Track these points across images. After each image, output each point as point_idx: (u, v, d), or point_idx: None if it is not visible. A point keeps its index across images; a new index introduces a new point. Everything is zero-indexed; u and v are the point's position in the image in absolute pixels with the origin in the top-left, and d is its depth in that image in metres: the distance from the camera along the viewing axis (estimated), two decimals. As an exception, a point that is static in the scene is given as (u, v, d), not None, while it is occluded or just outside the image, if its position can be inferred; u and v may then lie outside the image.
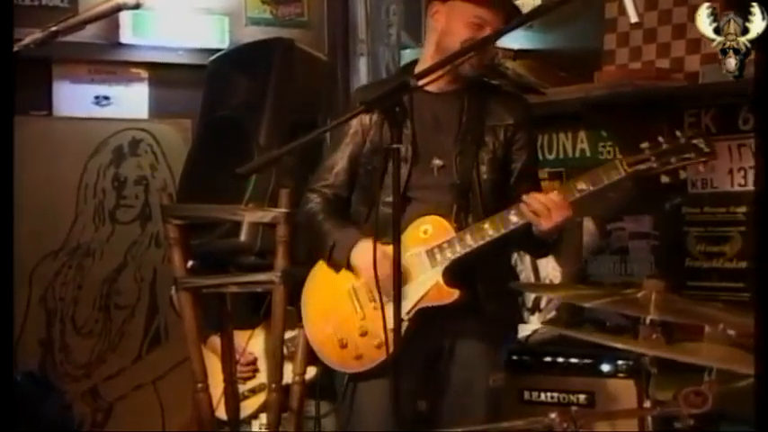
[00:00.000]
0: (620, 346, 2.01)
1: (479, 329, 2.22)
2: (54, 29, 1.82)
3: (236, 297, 2.84)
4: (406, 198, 2.19)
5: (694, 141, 1.97)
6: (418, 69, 2.27)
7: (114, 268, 3.48)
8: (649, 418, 1.92)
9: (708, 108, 2.71)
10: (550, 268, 3.12)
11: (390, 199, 2.17)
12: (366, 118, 2.26)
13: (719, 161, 2.69)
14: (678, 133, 1.98)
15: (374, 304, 2.21)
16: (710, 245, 2.70)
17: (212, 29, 3.52)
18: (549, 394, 2.51)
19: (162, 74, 3.52)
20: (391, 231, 2.13)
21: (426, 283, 2.17)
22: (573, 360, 2.51)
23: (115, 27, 3.36)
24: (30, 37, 1.82)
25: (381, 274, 2.13)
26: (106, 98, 3.49)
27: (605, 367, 2.43)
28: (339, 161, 2.33)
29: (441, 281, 2.15)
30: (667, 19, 2.80)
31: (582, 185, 2.07)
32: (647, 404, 1.92)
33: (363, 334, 2.22)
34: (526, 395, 2.54)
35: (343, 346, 2.25)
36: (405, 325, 2.14)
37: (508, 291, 2.25)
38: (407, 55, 3.27)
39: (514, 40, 3.02)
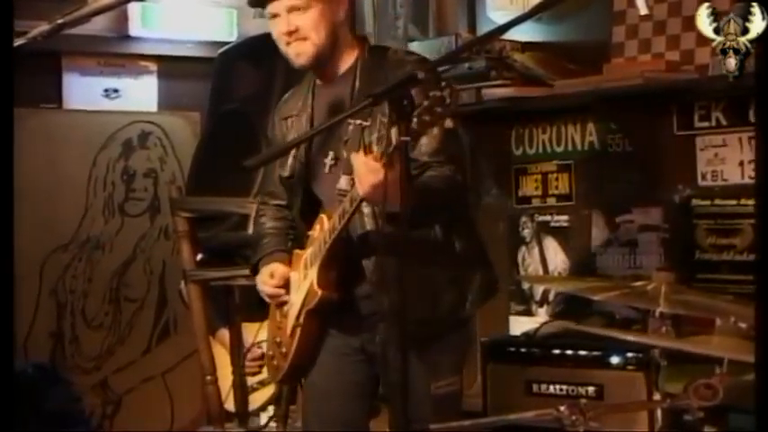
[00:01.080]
0: (629, 338, 2.00)
1: (404, 333, 1.91)
2: (61, 21, 1.82)
3: (245, 290, 2.85)
4: (315, 201, 2.14)
5: (441, 94, 1.72)
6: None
7: (124, 261, 3.49)
8: (659, 411, 1.92)
9: (718, 100, 2.70)
10: (559, 261, 3.11)
11: (299, 203, 2.15)
12: (282, 123, 2.20)
13: (730, 153, 2.68)
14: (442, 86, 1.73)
15: (284, 313, 2.17)
16: (721, 237, 2.69)
17: (220, 21, 3.52)
18: (557, 387, 2.50)
19: (171, 66, 3.52)
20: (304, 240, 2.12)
21: (305, 286, 2.09)
22: (581, 352, 2.50)
23: (124, 19, 3.36)
24: (37, 29, 1.82)
25: (271, 292, 2.13)
26: (115, 91, 3.49)
27: (614, 360, 2.42)
28: (270, 174, 2.28)
29: (314, 281, 2.05)
30: (677, 11, 2.77)
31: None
32: (657, 397, 1.91)
33: (279, 344, 2.21)
34: (534, 388, 2.53)
35: (271, 357, 2.25)
36: (298, 332, 2.10)
37: (428, 291, 2.05)
38: (415, 47, 3.26)
39: (522, 32, 3.00)
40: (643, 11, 2.33)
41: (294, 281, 2.16)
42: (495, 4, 3.28)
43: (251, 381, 2.89)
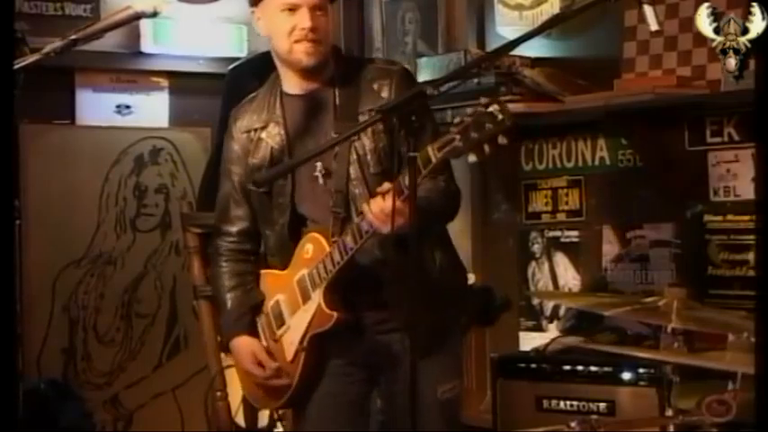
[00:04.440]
0: (642, 355, 1.99)
1: (404, 342, 2.01)
2: (73, 37, 1.84)
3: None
4: (299, 217, 2.08)
5: (490, 109, 1.71)
6: (288, 88, 2.11)
7: (135, 277, 3.50)
8: (671, 427, 1.90)
9: (730, 116, 2.69)
10: (569, 277, 3.10)
11: (282, 220, 2.07)
12: (244, 137, 2.14)
13: (743, 169, 2.67)
14: (483, 99, 1.75)
15: (276, 336, 2.12)
16: (733, 253, 2.67)
17: (231, 38, 3.54)
18: (568, 403, 2.48)
19: (182, 83, 3.55)
20: (284, 258, 2.07)
21: (311, 309, 2.03)
22: (593, 368, 2.48)
23: (136, 36, 3.39)
24: (49, 45, 1.84)
25: (250, 368, 2.09)
26: (127, 107, 3.52)
27: (626, 375, 2.40)
28: (230, 195, 2.18)
29: (322, 303, 2.01)
30: (688, 26, 2.77)
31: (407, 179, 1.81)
32: (669, 413, 1.90)
33: (276, 370, 2.13)
34: (545, 404, 2.52)
35: (260, 385, 2.18)
36: (302, 356, 2.06)
37: (424, 298, 1.95)
38: (423, 63, 3.27)
39: (532, 48, 3.01)
40: (654, 27, 2.32)
41: (284, 302, 2.10)
42: (504, 20, 3.29)
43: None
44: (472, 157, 1.73)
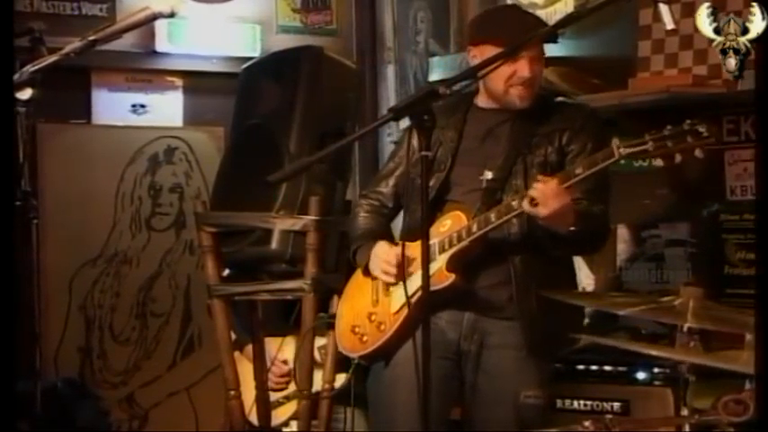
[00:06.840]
0: (657, 353, 1.98)
1: (511, 336, 2.16)
2: (92, 38, 1.86)
3: (269, 304, 2.85)
4: (443, 201, 2.21)
5: (696, 127, 1.91)
6: (479, 102, 2.29)
7: (150, 275, 3.52)
8: (687, 427, 1.89)
9: (747, 115, 2.67)
10: (583, 276, 3.08)
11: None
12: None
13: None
14: (688, 121, 1.95)
15: (387, 292, 2.24)
16: (750, 252, 2.66)
17: (244, 37, 3.56)
18: (582, 402, 2.48)
19: (196, 82, 3.57)
20: (418, 235, 2.17)
21: (431, 270, 2.08)
22: (607, 368, 2.48)
23: (151, 36, 3.41)
24: (69, 46, 1.86)
25: (388, 268, 2.20)
26: (142, 106, 3.54)
27: (641, 375, 2.40)
28: (390, 172, 2.38)
29: (443, 266, 2.14)
30: (704, 25, 2.76)
31: (579, 170, 2.03)
32: (685, 412, 1.89)
33: (372, 319, 2.27)
34: (559, 403, 2.51)
35: (355, 332, 2.30)
36: (405, 310, 2.16)
37: (554, 299, 2.12)
38: (435, 62, 3.27)
39: (546, 47, 3.00)
40: (669, 25, 2.31)
41: (406, 265, 2.19)
42: (518, 20, 3.28)
43: (277, 395, 2.89)
44: (659, 162, 1.85)
